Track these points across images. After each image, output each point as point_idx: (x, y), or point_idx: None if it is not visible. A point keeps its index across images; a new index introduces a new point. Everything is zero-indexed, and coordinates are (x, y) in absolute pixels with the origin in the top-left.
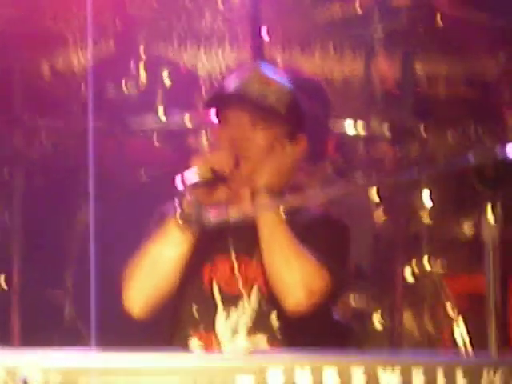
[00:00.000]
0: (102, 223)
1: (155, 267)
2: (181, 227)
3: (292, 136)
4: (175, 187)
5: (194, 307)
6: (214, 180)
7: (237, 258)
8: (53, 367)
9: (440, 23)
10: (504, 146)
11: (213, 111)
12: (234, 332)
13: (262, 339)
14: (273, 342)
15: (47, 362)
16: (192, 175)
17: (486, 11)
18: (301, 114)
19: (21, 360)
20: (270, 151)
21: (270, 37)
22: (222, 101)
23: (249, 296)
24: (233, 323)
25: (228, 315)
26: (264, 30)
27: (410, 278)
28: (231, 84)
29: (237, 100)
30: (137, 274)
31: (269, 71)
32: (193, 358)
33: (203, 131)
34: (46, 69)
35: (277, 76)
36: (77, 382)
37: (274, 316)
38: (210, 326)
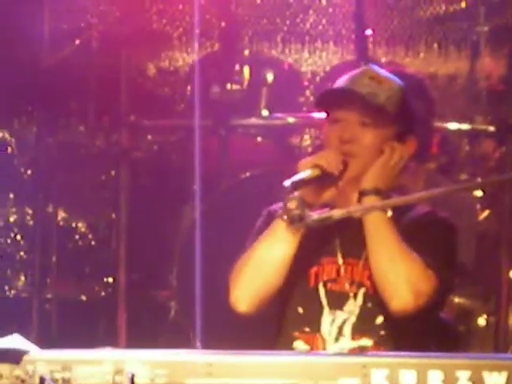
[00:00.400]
0: (208, 221)
1: (262, 266)
2: (288, 227)
3: (401, 137)
4: (281, 186)
5: (300, 309)
6: (323, 179)
7: (343, 260)
8: (159, 363)
9: None
10: None
11: (322, 110)
12: (340, 334)
13: (367, 343)
14: (378, 346)
15: (154, 358)
16: (301, 173)
17: None
18: (411, 115)
19: (128, 357)
20: (379, 152)
21: (373, 35)
22: (331, 99)
23: (355, 298)
24: (338, 325)
25: (334, 317)
26: (368, 28)
27: None
28: (341, 83)
29: (346, 98)
30: (244, 272)
31: (379, 70)
32: (297, 358)
33: (307, 130)
34: (152, 69)
35: (387, 75)
36: (182, 378)
37: (380, 320)
38: (316, 327)
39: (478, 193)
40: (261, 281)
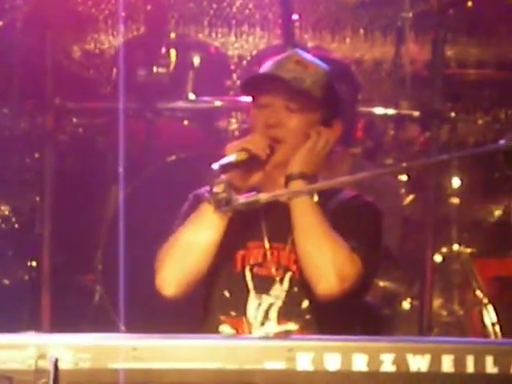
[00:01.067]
0: (133, 205)
1: (189, 249)
2: (215, 211)
3: (327, 122)
4: (208, 169)
5: (226, 292)
6: (250, 163)
7: (270, 245)
8: (83, 347)
9: (470, 5)
10: None
11: (249, 95)
12: (266, 318)
13: (293, 327)
14: (304, 330)
15: (78, 343)
16: (228, 157)
17: None
18: (337, 99)
19: (52, 342)
20: (305, 136)
21: (300, 20)
22: (257, 84)
23: (281, 283)
24: (265, 310)
25: (260, 301)
26: (294, 13)
27: (438, 260)
28: (266, 68)
29: (272, 83)
30: (170, 256)
31: (305, 55)
32: (222, 341)
33: (234, 114)
34: (77, 51)
35: (313, 59)
36: (106, 362)
37: (306, 304)
38: (242, 311)
39: (403, 177)
40: (187, 264)
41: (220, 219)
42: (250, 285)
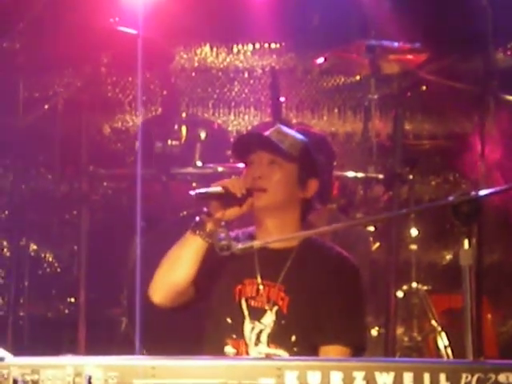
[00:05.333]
0: (150, 252)
1: (174, 263)
2: (195, 234)
3: (304, 179)
4: None
5: (229, 319)
6: (226, 199)
7: (262, 281)
8: (111, 367)
9: (424, 89)
10: (476, 190)
11: (238, 157)
12: (258, 341)
13: (283, 354)
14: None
15: (107, 363)
16: (207, 188)
17: (461, 80)
18: (312, 161)
19: (86, 362)
20: (285, 187)
21: (286, 101)
22: (245, 143)
23: (270, 313)
24: (257, 333)
25: (253, 326)
26: (281, 96)
27: (400, 296)
28: (254, 132)
29: (258, 142)
30: (160, 269)
31: (286, 129)
32: (225, 361)
33: (233, 177)
34: (107, 128)
35: (293, 132)
36: (130, 379)
37: (293, 338)
38: (240, 334)
39: (371, 228)
40: (172, 277)
41: (201, 245)
42: (246, 313)
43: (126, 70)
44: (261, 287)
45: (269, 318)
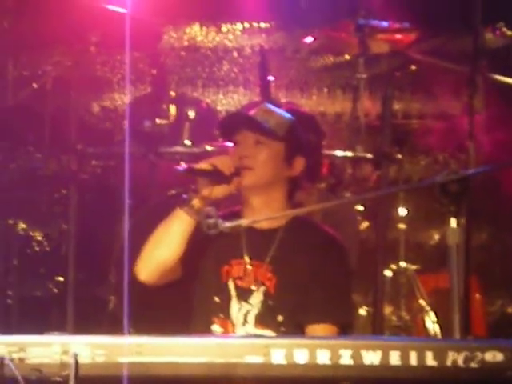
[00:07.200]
0: (140, 230)
1: (161, 241)
2: (183, 212)
3: (290, 157)
4: None
5: (217, 299)
6: (214, 176)
7: (250, 262)
8: (98, 345)
9: (413, 68)
10: (464, 169)
11: (226, 137)
12: (245, 321)
13: (270, 334)
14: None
15: (94, 341)
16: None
17: (450, 60)
18: (298, 140)
19: (73, 340)
20: (271, 166)
21: (275, 81)
22: (232, 123)
23: (258, 294)
24: (244, 314)
25: (240, 307)
26: (270, 75)
27: (389, 275)
28: (240, 111)
29: (243, 122)
30: (147, 246)
31: (272, 107)
32: (211, 339)
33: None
34: (96, 107)
35: (279, 110)
36: (117, 357)
37: (280, 318)
38: (227, 314)
39: (360, 207)
40: (157, 255)
41: (188, 222)
42: (233, 293)
43: (114, 48)
44: (248, 267)
45: (256, 299)
